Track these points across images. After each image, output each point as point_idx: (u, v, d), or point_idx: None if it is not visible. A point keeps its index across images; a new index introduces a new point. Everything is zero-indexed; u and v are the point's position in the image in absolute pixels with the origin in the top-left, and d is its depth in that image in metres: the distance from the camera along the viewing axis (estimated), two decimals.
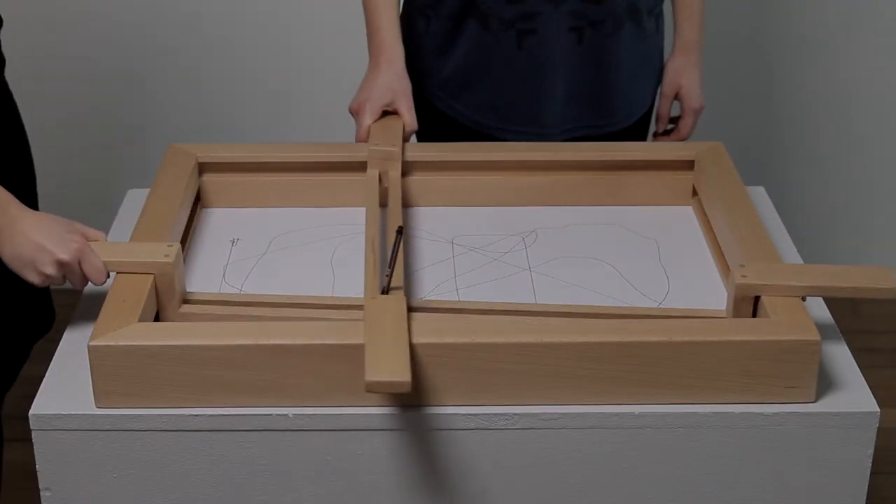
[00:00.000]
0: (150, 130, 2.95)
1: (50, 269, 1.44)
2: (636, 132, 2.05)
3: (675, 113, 2.05)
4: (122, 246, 1.51)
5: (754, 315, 1.46)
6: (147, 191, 1.68)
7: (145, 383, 1.36)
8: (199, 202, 1.76)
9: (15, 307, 1.81)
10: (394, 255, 1.45)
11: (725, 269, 1.58)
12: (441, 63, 1.96)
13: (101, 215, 2.04)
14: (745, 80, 2.93)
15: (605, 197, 1.77)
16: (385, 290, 1.44)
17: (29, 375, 1.83)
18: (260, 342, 1.35)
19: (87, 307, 1.54)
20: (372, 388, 1.27)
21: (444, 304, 1.51)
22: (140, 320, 1.40)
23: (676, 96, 2.01)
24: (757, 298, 1.44)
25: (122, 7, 2.86)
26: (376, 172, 1.72)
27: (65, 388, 1.41)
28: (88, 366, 1.36)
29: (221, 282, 1.60)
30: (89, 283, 1.48)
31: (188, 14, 2.86)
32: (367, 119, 1.80)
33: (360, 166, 1.76)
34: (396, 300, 1.39)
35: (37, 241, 1.44)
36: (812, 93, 2.95)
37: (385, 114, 1.82)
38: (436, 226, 1.72)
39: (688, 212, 1.77)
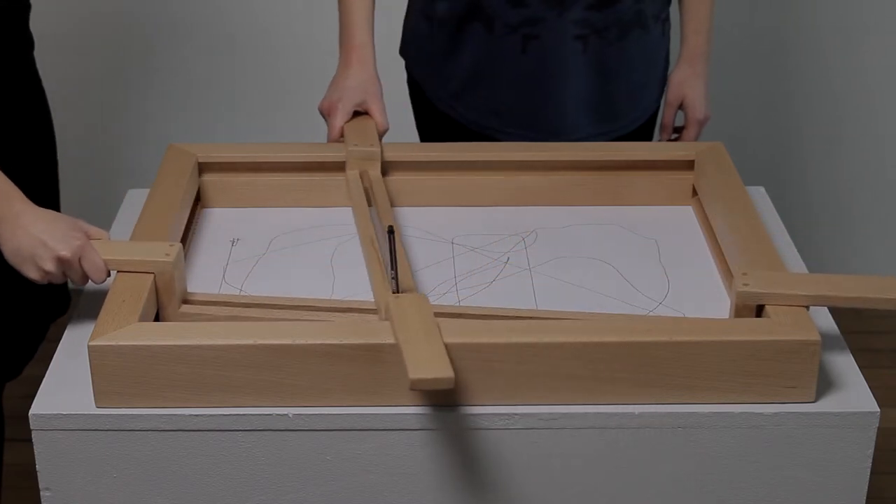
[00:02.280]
0: (150, 130, 2.95)
1: (49, 266, 1.43)
2: (642, 135, 2.05)
3: (678, 122, 2.06)
4: (123, 245, 1.51)
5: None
6: (147, 191, 1.68)
7: (145, 383, 1.36)
8: (199, 202, 1.76)
9: (32, 287, 1.83)
10: (392, 256, 1.45)
11: (725, 269, 1.58)
12: (445, 66, 1.96)
13: (101, 215, 2.04)
14: (746, 80, 2.93)
15: (605, 197, 1.77)
16: (395, 292, 1.44)
17: (29, 375, 1.83)
18: (260, 342, 1.35)
19: (86, 307, 1.54)
20: (416, 385, 1.27)
21: (447, 309, 1.51)
22: (140, 320, 1.40)
23: (681, 106, 2.02)
24: (760, 307, 1.43)
25: (122, 7, 2.86)
26: (357, 172, 1.73)
27: (65, 388, 1.41)
28: (88, 366, 1.36)
29: (221, 282, 1.60)
30: (90, 281, 1.47)
31: (188, 14, 2.86)
32: (340, 119, 1.81)
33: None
34: (419, 298, 1.39)
35: (38, 236, 1.43)
36: (812, 93, 2.95)
37: (355, 114, 1.83)
38: (436, 226, 1.72)
39: (688, 212, 1.77)
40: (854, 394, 1.41)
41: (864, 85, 2.94)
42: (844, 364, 1.46)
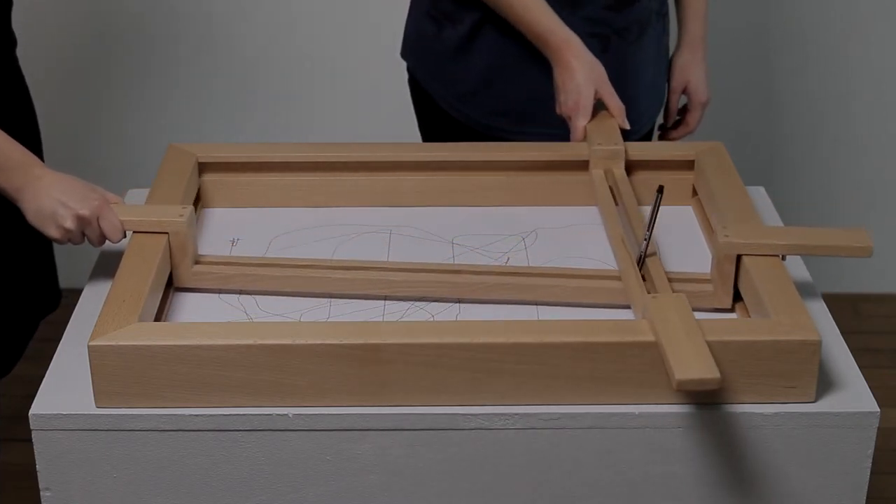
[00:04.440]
0: (150, 130, 2.95)
1: (70, 224, 1.50)
2: (647, 133, 2.06)
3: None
4: (138, 207, 1.58)
5: (737, 277, 1.50)
6: (147, 191, 1.68)
7: (145, 383, 1.36)
8: (199, 202, 1.76)
9: (23, 283, 1.83)
10: (653, 216, 1.50)
11: None
12: (453, 68, 1.95)
13: None
14: (746, 79, 2.93)
15: None
16: (642, 256, 1.51)
17: (29, 375, 1.83)
18: (260, 342, 1.35)
19: (87, 307, 1.54)
20: (682, 386, 1.27)
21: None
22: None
23: (683, 91, 2.03)
24: (739, 259, 1.49)
25: (123, 6, 2.86)
26: (601, 171, 1.73)
27: (65, 388, 1.41)
28: (88, 366, 1.36)
29: None
30: (107, 241, 1.54)
31: (188, 14, 2.86)
32: (583, 119, 1.80)
33: (360, 167, 1.76)
34: (678, 297, 1.39)
35: (58, 197, 1.51)
36: (812, 93, 2.95)
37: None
38: (436, 226, 1.72)
39: (688, 212, 1.77)
40: (854, 394, 1.41)
41: (865, 85, 2.94)
42: (844, 364, 1.46)
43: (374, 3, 2.83)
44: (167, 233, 1.53)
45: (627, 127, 1.79)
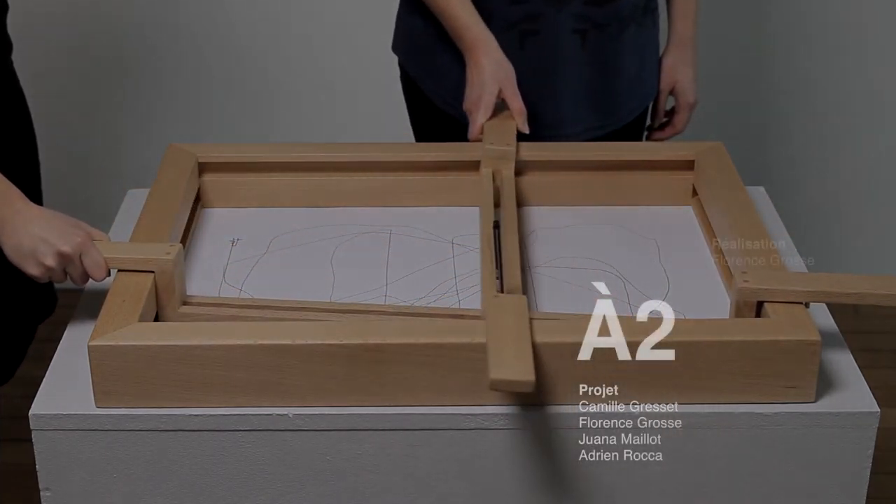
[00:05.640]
0: (150, 130, 2.95)
1: (50, 261, 1.44)
2: (636, 127, 2.05)
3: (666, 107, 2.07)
4: (123, 245, 1.51)
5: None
6: (147, 191, 1.68)
7: (145, 383, 1.36)
8: (199, 202, 1.76)
9: (18, 289, 1.82)
10: (497, 252, 1.45)
11: (725, 269, 1.58)
12: (441, 62, 1.96)
13: (101, 215, 2.04)
14: (745, 80, 2.92)
15: (605, 197, 1.77)
16: (499, 291, 1.45)
17: (29, 375, 1.83)
18: (260, 342, 1.35)
19: (87, 306, 1.54)
20: (496, 385, 1.27)
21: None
22: (140, 320, 1.40)
23: (671, 91, 2.03)
24: (760, 305, 1.44)
25: (123, 6, 2.86)
26: (490, 171, 1.73)
27: (65, 388, 1.41)
28: (88, 366, 1.36)
29: (221, 282, 1.60)
30: (90, 280, 1.48)
31: (189, 14, 2.86)
32: (482, 116, 1.80)
33: (360, 167, 1.76)
34: (518, 299, 1.39)
35: (39, 233, 1.44)
36: (812, 93, 2.95)
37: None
38: (436, 226, 1.72)
39: (688, 212, 1.77)
40: (854, 394, 1.41)
41: (865, 85, 2.94)
42: (844, 364, 1.46)
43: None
44: (153, 272, 1.46)
45: (526, 130, 1.79)
